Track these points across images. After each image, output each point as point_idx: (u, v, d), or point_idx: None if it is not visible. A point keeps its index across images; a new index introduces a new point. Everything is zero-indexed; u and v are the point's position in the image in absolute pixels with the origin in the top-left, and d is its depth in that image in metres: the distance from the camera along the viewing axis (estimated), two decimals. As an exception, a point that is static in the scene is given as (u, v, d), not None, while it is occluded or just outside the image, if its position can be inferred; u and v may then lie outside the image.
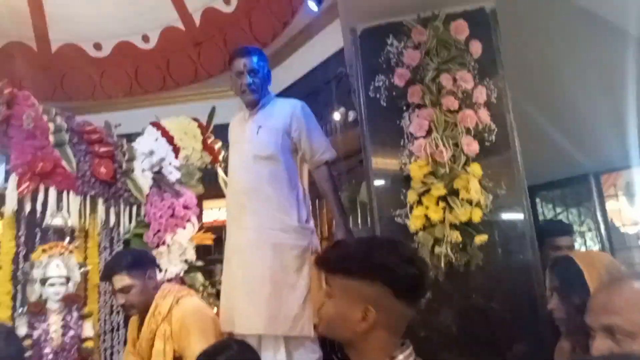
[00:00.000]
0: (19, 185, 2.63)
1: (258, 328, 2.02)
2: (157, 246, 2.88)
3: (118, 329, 2.96)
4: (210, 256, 3.91)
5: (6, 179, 2.65)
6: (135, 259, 2.17)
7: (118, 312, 2.98)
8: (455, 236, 1.68)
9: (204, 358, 1.37)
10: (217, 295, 3.29)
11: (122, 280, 2.08)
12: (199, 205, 3.32)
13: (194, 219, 3.05)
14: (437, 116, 1.80)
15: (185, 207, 3.03)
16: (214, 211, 4.59)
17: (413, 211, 1.75)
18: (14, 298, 2.64)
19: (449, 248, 1.69)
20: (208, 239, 3.13)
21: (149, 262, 2.23)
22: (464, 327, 1.72)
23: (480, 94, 1.83)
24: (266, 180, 2.17)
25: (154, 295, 2.15)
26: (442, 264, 1.69)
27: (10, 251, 2.69)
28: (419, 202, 1.75)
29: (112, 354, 2.91)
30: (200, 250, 3.14)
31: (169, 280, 2.85)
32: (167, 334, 2.05)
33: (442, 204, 1.72)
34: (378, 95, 1.95)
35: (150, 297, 2.13)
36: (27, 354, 2.42)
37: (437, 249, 1.69)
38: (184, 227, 2.97)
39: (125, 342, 2.91)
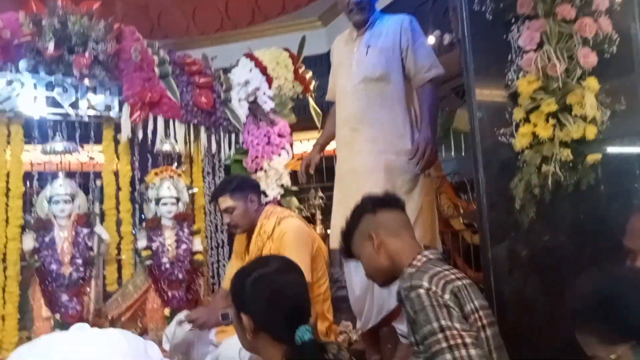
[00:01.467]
0: (131, 114, 2.87)
1: None
2: (255, 171, 3.04)
3: (223, 246, 3.23)
4: (299, 185, 4.07)
5: (120, 109, 2.90)
6: (238, 184, 2.33)
7: (222, 231, 3.23)
8: (566, 154, 1.60)
9: (239, 273, 1.24)
10: (308, 219, 3.45)
11: (225, 201, 2.26)
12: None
13: (288, 147, 3.16)
14: (550, 27, 1.66)
15: (280, 135, 3.13)
16: (303, 143, 4.69)
17: (519, 129, 1.68)
18: (133, 216, 2.96)
19: (558, 167, 1.61)
20: (301, 166, 3.24)
21: (251, 187, 2.37)
22: (570, 248, 1.67)
23: (602, 1, 1.66)
24: (378, 103, 2.16)
25: (257, 217, 2.30)
26: (550, 183, 1.62)
27: (127, 174, 2.98)
28: (527, 120, 1.67)
29: (218, 267, 3.20)
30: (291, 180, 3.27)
31: (267, 203, 3.02)
32: (271, 251, 2.21)
33: (552, 121, 1.62)
34: (483, 9, 1.83)
35: (253, 218, 2.29)
36: (148, 262, 2.74)
37: (544, 168, 1.62)
38: (279, 154, 3.09)
39: (229, 258, 3.18)
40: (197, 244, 2.91)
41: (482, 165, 1.79)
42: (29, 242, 2.59)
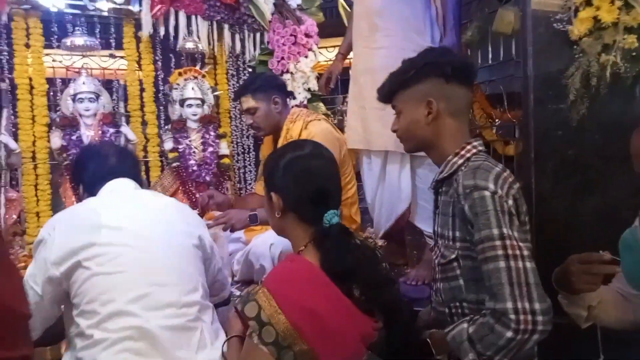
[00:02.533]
0: (152, 8, 2.72)
1: (387, 145, 2.06)
2: (282, 74, 2.91)
3: (249, 152, 3.19)
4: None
5: (140, 3, 2.74)
6: (262, 83, 2.22)
7: (248, 137, 3.18)
8: (630, 41, 1.44)
9: (273, 154, 1.21)
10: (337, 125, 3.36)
11: (247, 101, 2.17)
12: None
13: (315, 48, 2.99)
14: None
15: (307, 35, 2.96)
16: (329, 50, 4.47)
17: (579, 14, 1.51)
18: (158, 117, 2.90)
19: (619, 55, 1.46)
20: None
21: (276, 87, 2.25)
22: (620, 146, 1.56)
23: None
24: None
25: (280, 119, 2.22)
26: (608, 74, 1.48)
27: (150, 74, 2.89)
28: (588, 3, 1.50)
29: (244, 172, 3.18)
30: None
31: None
32: None
33: (618, 3, 1.45)
34: None
35: (276, 120, 2.21)
36: (175, 164, 2.73)
37: (603, 57, 1.47)
38: (306, 56, 2.94)
39: (255, 164, 3.16)
40: (224, 148, 2.87)
41: (531, 56, 1.64)
42: (56, 140, 2.58)
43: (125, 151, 1.70)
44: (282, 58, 2.90)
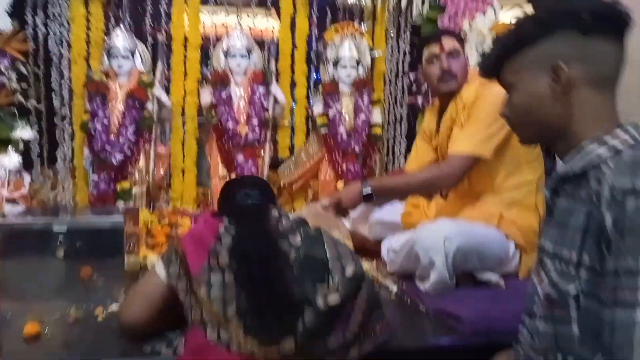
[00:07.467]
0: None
1: None
2: (453, 33, 2.47)
3: (401, 121, 2.83)
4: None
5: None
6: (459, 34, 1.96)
7: (401, 105, 2.82)
8: None
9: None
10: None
11: (453, 42, 1.81)
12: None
13: (496, 5, 2.49)
14: None
15: (488, -14, 2.47)
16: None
17: None
18: (308, 78, 2.66)
19: None
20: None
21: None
22: None
23: None
24: None
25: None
26: None
27: (304, 30, 2.65)
28: None
29: (394, 144, 2.85)
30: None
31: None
32: (465, 120, 1.76)
33: None
34: None
35: (465, 79, 1.83)
36: (323, 130, 2.48)
37: None
38: (484, 12, 2.46)
39: (406, 135, 2.81)
40: (376, 116, 2.56)
41: None
42: (206, 96, 2.46)
43: None
44: (456, 14, 2.46)
